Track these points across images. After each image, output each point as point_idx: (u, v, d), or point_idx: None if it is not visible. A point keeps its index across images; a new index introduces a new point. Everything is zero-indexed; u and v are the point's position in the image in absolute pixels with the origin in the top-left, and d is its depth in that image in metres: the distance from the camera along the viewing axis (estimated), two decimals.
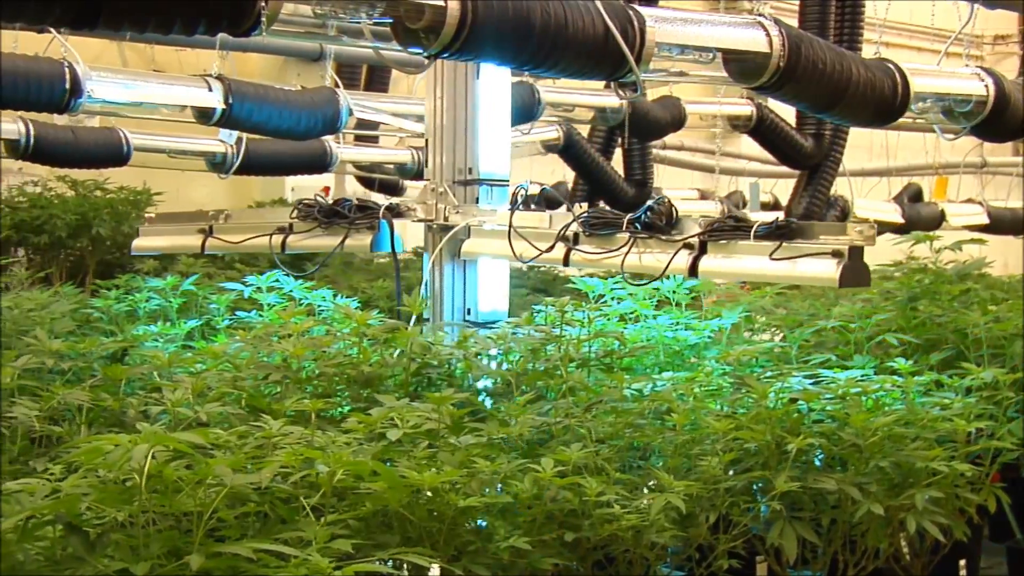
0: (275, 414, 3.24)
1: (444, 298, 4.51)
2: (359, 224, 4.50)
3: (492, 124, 4.56)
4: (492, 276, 4.53)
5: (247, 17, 2.55)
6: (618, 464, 3.22)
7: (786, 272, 3.52)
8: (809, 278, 3.54)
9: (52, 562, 2.21)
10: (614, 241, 3.94)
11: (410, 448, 3.00)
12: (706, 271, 3.72)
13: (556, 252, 4.10)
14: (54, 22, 2.33)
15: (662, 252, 3.80)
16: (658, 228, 3.81)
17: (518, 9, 3.01)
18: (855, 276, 3.38)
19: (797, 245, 3.47)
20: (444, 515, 2.70)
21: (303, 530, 2.39)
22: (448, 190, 4.50)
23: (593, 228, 4.03)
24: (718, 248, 3.69)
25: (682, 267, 3.75)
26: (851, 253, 3.37)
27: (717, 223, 3.70)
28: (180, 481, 2.36)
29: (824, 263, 3.41)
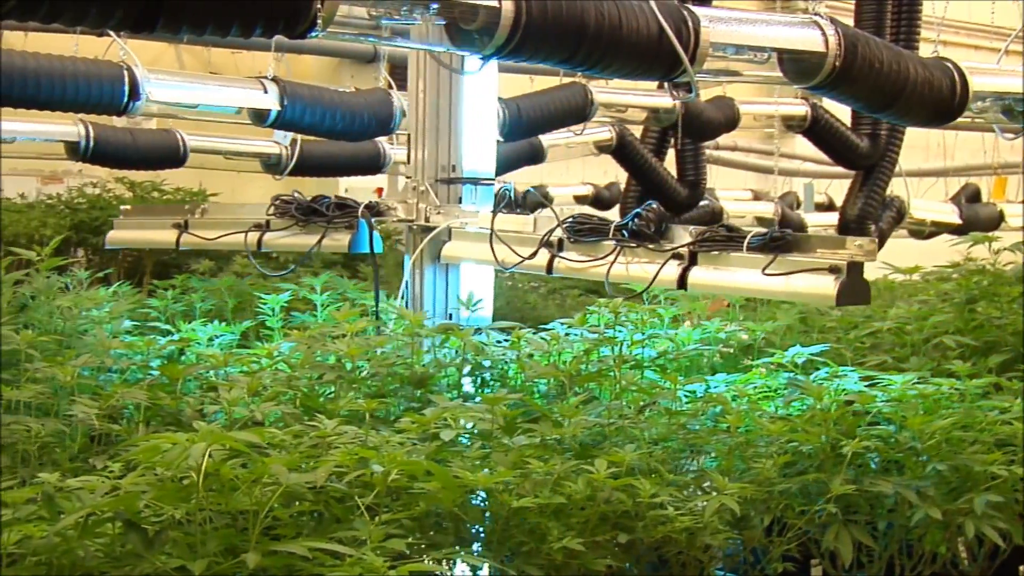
0: (329, 414, 3.26)
1: (424, 303, 4.33)
2: (338, 223, 4.31)
3: (477, 119, 4.33)
4: (476, 280, 4.32)
5: (303, 19, 2.57)
6: (671, 466, 3.21)
7: (780, 288, 3.30)
8: (804, 295, 3.32)
9: (111, 559, 2.24)
10: (601, 249, 3.72)
11: (463, 448, 3.02)
12: (696, 284, 3.51)
13: (540, 259, 3.90)
14: (114, 25, 2.35)
15: (650, 262, 3.59)
16: (646, 236, 3.61)
17: (572, 9, 3.00)
18: (854, 294, 3.18)
19: (793, 259, 3.27)
20: (497, 515, 2.70)
21: (357, 529, 2.40)
22: (430, 189, 4.30)
23: (578, 234, 3.81)
24: (709, 260, 3.49)
25: (671, 279, 3.55)
26: (850, 269, 3.16)
27: (709, 232, 3.50)
28: (236, 480, 2.38)
29: (821, 279, 3.20)
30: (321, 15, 2.64)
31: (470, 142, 4.31)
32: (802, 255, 3.26)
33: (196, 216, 4.73)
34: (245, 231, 4.48)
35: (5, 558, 2.19)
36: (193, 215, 4.72)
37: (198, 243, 4.64)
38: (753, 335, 4.35)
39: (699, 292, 4.25)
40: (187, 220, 4.70)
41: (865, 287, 3.20)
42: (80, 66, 5.21)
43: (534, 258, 3.89)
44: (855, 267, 3.16)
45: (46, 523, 2.25)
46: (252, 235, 4.49)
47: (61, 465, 3.00)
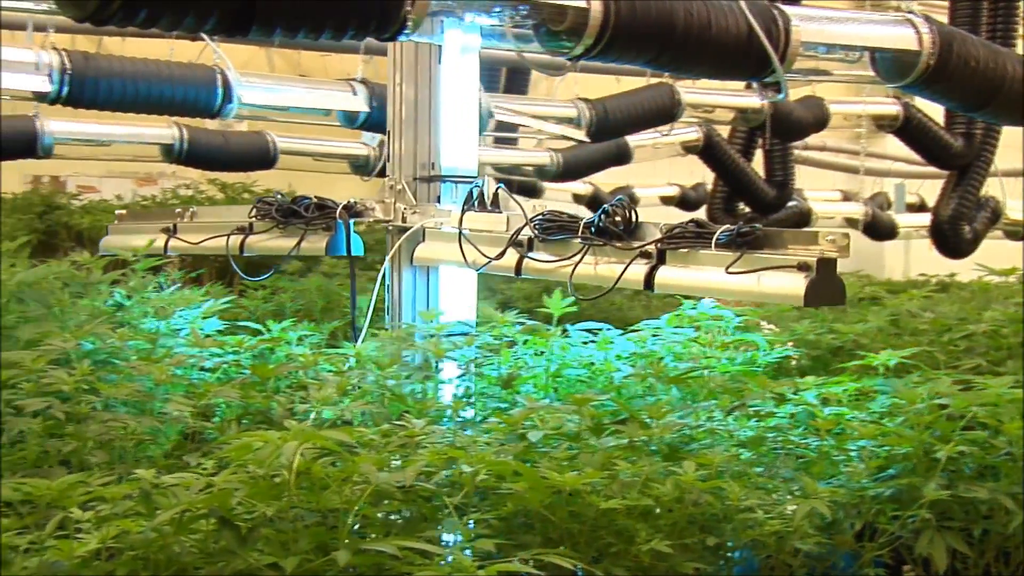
0: (417, 413, 3.28)
1: (403, 307, 4.13)
2: (315, 224, 4.12)
3: (457, 114, 4.07)
4: (456, 282, 4.09)
5: (394, 21, 2.59)
6: (760, 469, 3.18)
7: (748, 287, 3.08)
8: (772, 294, 3.08)
9: (205, 555, 2.27)
10: (570, 248, 3.52)
11: (551, 449, 3.02)
12: (663, 284, 3.30)
13: (509, 259, 3.68)
14: (210, 29, 2.39)
15: (619, 262, 3.38)
16: (613, 234, 3.39)
17: (661, 10, 3.00)
18: (825, 293, 2.94)
19: (761, 256, 3.05)
20: (585, 516, 2.70)
21: (446, 529, 2.42)
22: (406, 187, 4.08)
23: (546, 233, 3.59)
24: (677, 258, 3.27)
25: (637, 279, 3.33)
26: (820, 266, 2.93)
27: (678, 229, 3.28)
28: (327, 478, 2.40)
29: (789, 277, 2.98)
30: (411, 17, 2.66)
31: (449, 138, 4.07)
32: (772, 252, 3.05)
33: (185, 220, 4.61)
34: (227, 234, 4.32)
35: (104, 552, 2.24)
36: (182, 219, 4.61)
37: (183, 247, 4.53)
38: (843, 337, 4.30)
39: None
40: (176, 224, 4.59)
41: (838, 286, 2.97)
42: (175, 70, 5.32)
43: (503, 259, 3.67)
44: (826, 264, 2.93)
45: (143, 519, 2.29)
46: (236, 239, 4.32)
47: (156, 462, 3.05)
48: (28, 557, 2.22)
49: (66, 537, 2.26)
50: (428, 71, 4.01)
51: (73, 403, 3.07)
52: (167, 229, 4.54)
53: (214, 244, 4.33)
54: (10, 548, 2.26)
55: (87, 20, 2.36)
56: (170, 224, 4.56)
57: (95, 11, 2.33)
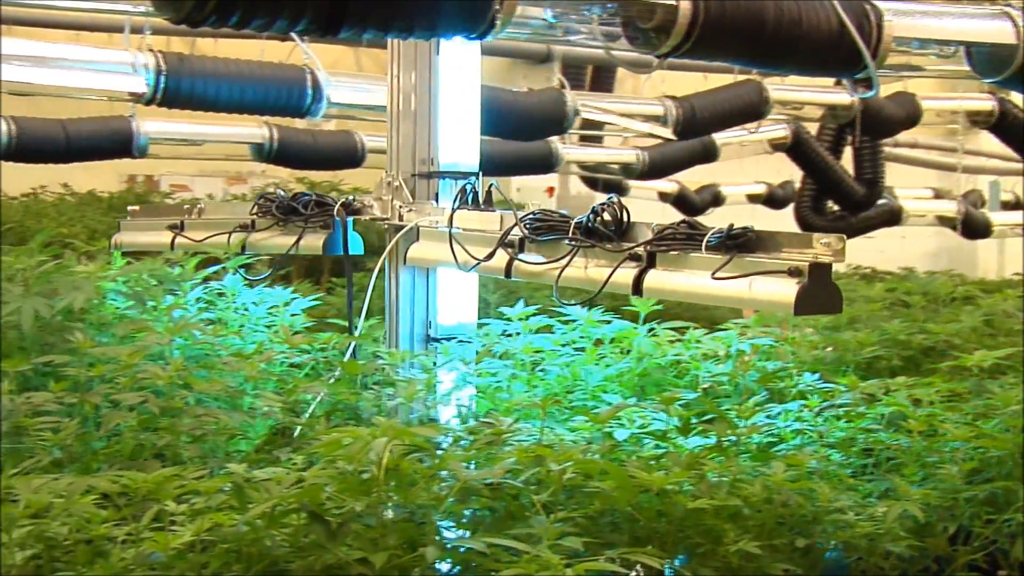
0: (505, 411, 3.30)
1: (401, 308, 3.93)
2: (314, 222, 3.99)
3: (457, 107, 3.90)
4: (456, 283, 3.89)
5: (483, 20, 2.60)
6: (850, 470, 3.14)
7: (737, 293, 2.87)
8: (763, 301, 2.86)
9: (296, 549, 2.30)
10: (561, 249, 3.33)
11: (638, 448, 3.01)
12: (651, 289, 3.11)
13: (500, 261, 3.49)
14: (302, 30, 2.42)
15: (609, 265, 3.19)
16: (602, 235, 3.21)
17: (751, 7, 2.97)
18: (818, 300, 2.75)
19: (752, 260, 2.85)
20: (672, 516, 2.69)
21: (533, 527, 2.42)
22: (403, 184, 3.91)
23: (536, 233, 3.41)
24: (667, 261, 3.08)
25: (626, 283, 3.14)
26: (812, 272, 2.72)
27: (668, 230, 3.09)
28: (415, 475, 2.42)
29: (780, 283, 2.77)
30: (500, 16, 2.67)
31: (449, 133, 3.88)
32: (765, 256, 2.85)
33: (192, 217, 4.52)
34: (229, 232, 4.22)
35: (198, 544, 2.28)
36: (190, 216, 4.53)
37: (188, 245, 4.43)
38: (934, 338, 4.23)
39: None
40: (183, 221, 4.51)
41: (834, 293, 2.77)
42: (266, 70, 5.38)
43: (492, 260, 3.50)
44: (819, 269, 2.73)
45: (235, 512, 2.33)
46: (238, 236, 4.21)
47: (247, 456, 3.10)
48: (125, 548, 2.27)
49: (161, 529, 2.31)
50: (427, 62, 3.85)
51: (167, 398, 3.13)
52: (174, 226, 4.49)
53: (217, 241, 4.26)
54: (107, 539, 2.31)
55: (183, 22, 2.40)
56: (178, 221, 4.51)
57: (190, 13, 2.37)
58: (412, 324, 3.89)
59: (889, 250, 10.56)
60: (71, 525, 2.29)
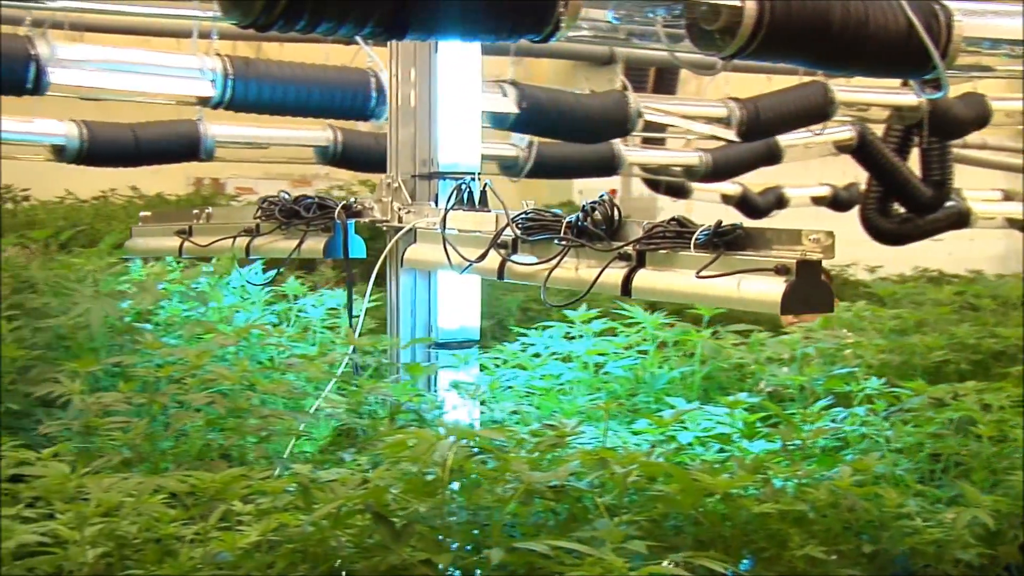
0: (567, 413, 3.30)
1: (401, 312, 3.86)
2: (316, 225, 3.93)
3: (456, 107, 3.81)
4: (458, 286, 3.79)
5: (548, 22, 2.60)
6: (918, 476, 3.10)
7: (724, 293, 2.76)
8: (749, 301, 2.74)
9: (361, 549, 2.32)
10: (552, 249, 3.26)
11: (702, 451, 3.00)
12: (641, 289, 3.00)
13: (494, 262, 3.41)
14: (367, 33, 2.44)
15: (599, 265, 3.11)
16: (592, 235, 3.12)
17: (817, 8, 2.95)
18: (807, 299, 2.63)
19: (739, 258, 2.75)
20: (737, 520, 2.67)
21: (597, 529, 2.42)
22: (402, 185, 3.84)
23: (528, 233, 3.34)
24: (657, 261, 2.98)
25: (616, 283, 3.05)
26: (800, 269, 2.60)
27: (658, 228, 2.99)
28: (479, 476, 2.43)
29: (767, 282, 2.65)
30: (564, 18, 2.67)
31: (448, 133, 3.81)
32: (754, 253, 2.73)
33: (200, 221, 4.52)
34: (233, 236, 4.21)
35: (264, 544, 2.30)
36: (198, 220, 4.53)
37: (194, 250, 4.43)
38: (1005, 342, 4.17)
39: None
40: (191, 226, 4.51)
41: (824, 291, 2.66)
42: (331, 74, 5.42)
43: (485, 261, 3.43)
44: (808, 267, 2.60)
45: (301, 512, 2.35)
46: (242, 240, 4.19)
47: (311, 457, 3.12)
48: (193, 548, 2.30)
49: (228, 529, 2.33)
50: (428, 62, 3.78)
51: (233, 398, 3.17)
52: (182, 231, 4.49)
53: (222, 246, 4.25)
54: (176, 538, 2.34)
55: (251, 26, 2.43)
56: (186, 226, 4.51)
57: (258, 17, 2.40)
58: (413, 327, 3.82)
59: (957, 252, 10.41)
60: (140, 524, 2.32)
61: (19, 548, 2.23)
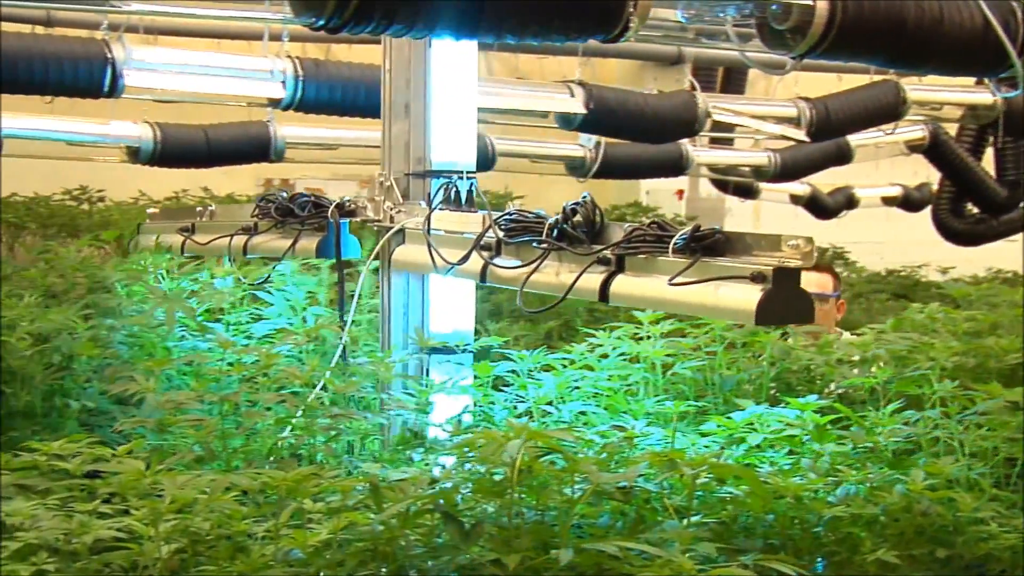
0: (635, 415, 3.29)
1: (393, 314, 3.73)
2: (310, 224, 3.84)
3: (451, 104, 3.68)
4: (452, 290, 3.66)
5: (617, 22, 2.60)
6: (993, 480, 3.05)
7: (700, 301, 2.65)
8: (725, 309, 2.62)
9: (430, 549, 2.33)
10: (533, 252, 3.12)
11: (771, 454, 2.97)
12: (618, 295, 2.88)
13: (476, 264, 3.29)
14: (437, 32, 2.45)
15: (580, 268, 2.97)
16: (572, 238, 2.99)
17: (890, 6, 2.92)
18: (783, 308, 2.50)
19: (715, 264, 2.62)
20: (807, 523, 2.65)
21: (666, 531, 2.41)
22: (395, 184, 3.71)
23: (510, 235, 3.20)
24: (636, 266, 2.85)
25: (593, 289, 2.92)
26: (777, 277, 2.47)
27: (637, 232, 2.85)
28: (548, 477, 2.43)
29: (743, 290, 2.52)
30: (634, 18, 2.67)
31: (443, 131, 3.68)
32: (733, 259, 2.61)
33: (204, 219, 4.47)
34: (231, 235, 4.14)
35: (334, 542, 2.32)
36: (201, 218, 4.49)
37: (194, 248, 4.38)
38: None
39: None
40: (194, 224, 4.47)
41: (803, 300, 2.53)
42: None
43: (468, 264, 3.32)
44: (785, 274, 2.47)
45: (370, 511, 2.36)
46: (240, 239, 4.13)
47: (379, 456, 3.15)
48: (265, 545, 2.32)
49: (299, 527, 2.35)
50: (422, 58, 3.64)
51: (303, 398, 3.20)
52: (185, 228, 4.46)
53: (221, 244, 4.20)
54: (247, 535, 2.36)
55: (322, 28, 2.45)
56: (189, 224, 4.47)
57: (330, 19, 2.42)
58: (405, 330, 3.70)
59: None
60: (213, 521, 2.35)
61: (96, 543, 2.27)
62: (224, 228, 4.24)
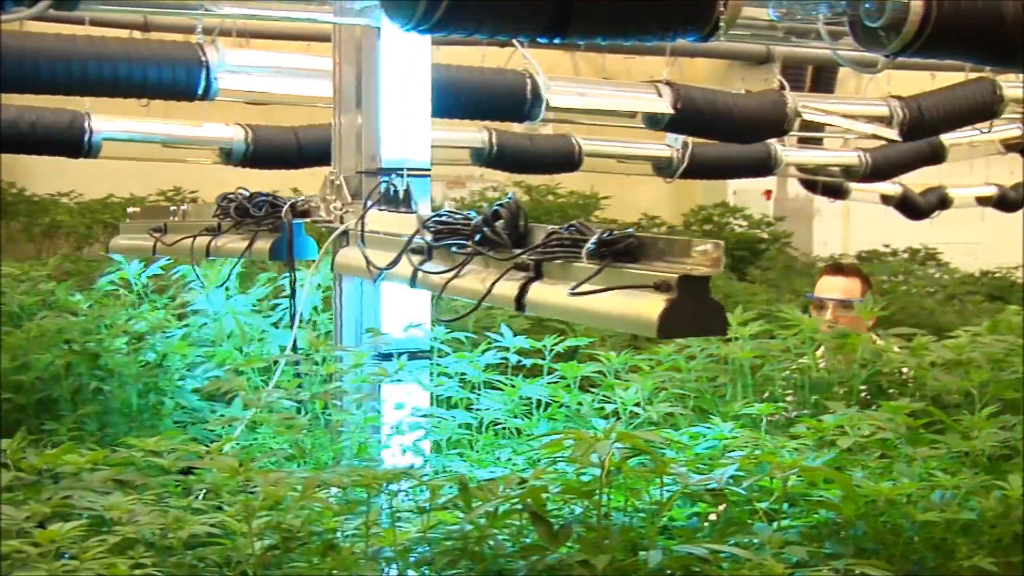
0: (723, 416, 3.26)
1: (345, 319, 3.56)
2: (265, 225, 3.69)
3: (403, 99, 3.49)
4: (405, 293, 3.37)
5: (707, 22, 2.58)
6: None
7: (605, 310, 2.43)
8: (628, 320, 2.40)
9: (518, 548, 2.34)
10: (457, 257, 2.94)
11: (862, 458, 2.93)
12: (534, 303, 2.65)
13: (407, 269, 3.10)
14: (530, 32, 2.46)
15: (499, 275, 2.76)
16: (493, 242, 2.78)
17: (988, 4, 2.87)
18: (690, 320, 2.30)
19: (623, 272, 2.41)
20: (900, 528, 2.61)
21: (756, 534, 2.39)
22: (344, 183, 3.52)
23: (439, 238, 3.00)
24: (553, 272, 2.62)
25: (510, 296, 2.69)
26: (683, 286, 2.27)
27: (555, 236, 2.64)
28: (636, 478, 2.42)
29: (648, 300, 2.31)
30: (724, 18, 2.65)
31: (393, 126, 3.48)
32: (644, 266, 2.40)
33: (175, 219, 4.31)
34: (194, 235, 4.00)
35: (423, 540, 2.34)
36: (173, 218, 4.33)
37: (162, 249, 4.24)
38: None
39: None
40: (166, 224, 4.31)
41: (713, 311, 2.33)
42: (487, 75, 5.47)
43: (399, 268, 3.14)
44: (692, 283, 2.27)
45: (459, 510, 2.38)
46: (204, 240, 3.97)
47: (467, 456, 3.16)
48: (355, 542, 2.35)
49: (389, 525, 2.37)
50: (373, 52, 3.47)
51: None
52: (157, 229, 4.31)
53: (184, 245, 4.06)
54: (338, 532, 2.39)
55: (413, 30, 2.47)
56: (161, 224, 4.33)
57: (421, 21, 2.43)
58: (358, 335, 3.50)
59: None
60: (304, 518, 2.38)
61: (191, 538, 2.31)
62: (193, 229, 4.11)
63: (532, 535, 2.35)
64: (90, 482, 2.49)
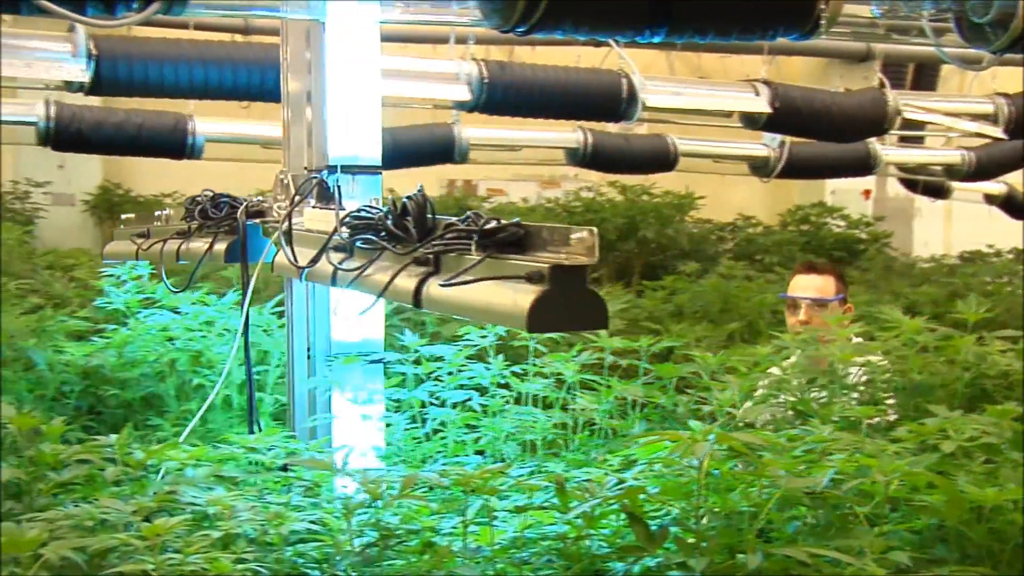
0: (821, 419, 3.22)
1: (295, 321, 3.44)
2: (223, 227, 3.57)
3: (350, 94, 3.36)
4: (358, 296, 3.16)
5: (808, 20, 2.56)
6: None
7: (484, 302, 2.30)
8: (500, 314, 2.26)
9: (615, 550, 2.33)
10: (370, 252, 2.83)
11: (966, 462, 2.87)
12: (429, 298, 2.52)
13: (328, 267, 2.99)
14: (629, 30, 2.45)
15: (412, 269, 2.64)
16: (395, 236, 2.68)
17: None
18: (564, 313, 2.15)
19: (508, 262, 2.28)
20: (1006, 535, 2.55)
21: (856, 538, 2.35)
22: (292, 181, 3.40)
23: (355, 233, 2.89)
24: (451, 265, 2.48)
25: (409, 290, 2.57)
26: (555, 276, 2.12)
27: (451, 228, 2.52)
28: (734, 480, 2.40)
29: (521, 291, 2.17)
30: (825, 16, 2.62)
31: (340, 122, 3.35)
32: (526, 257, 2.27)
33: (158, 224, 4.21)
34: (164, 239, 3.88)
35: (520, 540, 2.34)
36: (157, 223, 4.23)
37: (145, 255, 4.12)
38: None
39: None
40: (149, 229, 4.19)
41: (593, 303, 2.17)
42: (582, 75, 5.47)
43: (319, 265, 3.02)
44: (566, 273, 2.12)
45: (555, 510, 2.38)
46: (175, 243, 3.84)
47: (563, 457, 3.16)
48: (452, 540, 2.36)
49: (486, 524, 2.38)
50: (321, 43, 3.36)
51: (489, 396, 3.23)
52: (140, 234, 4.21)
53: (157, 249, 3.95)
54: (434, 531, 2.40)
55: (511, 31, 2.47)
56: (145, 229, 4.23)
57: (519, 22, 2.44)
58: (313, 339, 3.38)
59: None
60: (402, 516, 2.40)
61: (290, 534, 2.34)
62: (167, 232, 4.00)
63: (629, 536, 2.34)
64: (193, 478, 2.54)
